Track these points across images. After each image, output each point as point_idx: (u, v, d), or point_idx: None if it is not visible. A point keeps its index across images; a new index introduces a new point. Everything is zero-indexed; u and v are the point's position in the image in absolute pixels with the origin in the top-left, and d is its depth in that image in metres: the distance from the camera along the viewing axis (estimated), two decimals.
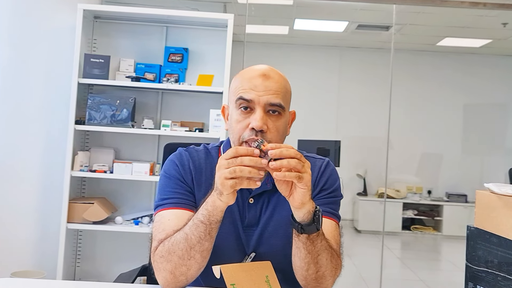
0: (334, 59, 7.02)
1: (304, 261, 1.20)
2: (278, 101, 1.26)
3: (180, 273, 1.20)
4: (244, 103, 1.26)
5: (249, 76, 1.29)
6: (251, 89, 1.26)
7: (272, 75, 1.29)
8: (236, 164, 1.07)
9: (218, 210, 1.15)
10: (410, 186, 6.97)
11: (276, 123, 1.27)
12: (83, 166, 3.34)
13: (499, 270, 1.43)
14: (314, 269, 1.21)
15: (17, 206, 3.28)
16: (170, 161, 1.37)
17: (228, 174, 1.07)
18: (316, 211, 1.15)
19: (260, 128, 1.23)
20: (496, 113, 7.14)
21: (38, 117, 3.36)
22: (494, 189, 1.52)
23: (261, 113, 1.24)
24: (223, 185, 1.08)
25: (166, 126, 3.34)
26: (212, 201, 1.14)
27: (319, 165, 1.40)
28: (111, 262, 3.57)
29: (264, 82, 1.26)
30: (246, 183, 1.09)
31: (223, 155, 1.11)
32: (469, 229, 1.60)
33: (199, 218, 1.17)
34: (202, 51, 3.59)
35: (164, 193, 1.32)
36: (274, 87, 1.27)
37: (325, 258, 1.21)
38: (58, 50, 3.41)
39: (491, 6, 4.45)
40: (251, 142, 1.19)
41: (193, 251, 1.17)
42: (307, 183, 1.10)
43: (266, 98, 1.25)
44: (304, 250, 1.19)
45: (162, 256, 1.21)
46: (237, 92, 1.28)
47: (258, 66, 1.32)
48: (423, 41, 6.79)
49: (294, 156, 1.08)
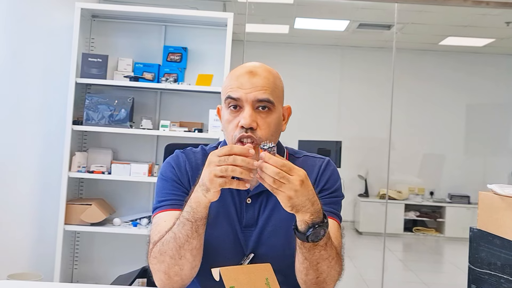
0: (335, 59, 7.03)
1: (302, 265, 1.20)
2: (266, 96, 1.26)
3: (174, 273, 1.20)
4: (232, 102, 1.27)
5: (236, 74, 1.30)
6: (238, 87, 1.27)
7: (260, 71, 1.29)
8: (228, 163, 1.06)
9: (201, 207, 1.15)
10: (412, 187, 6.96)
11: (267, 119, 1.27)
12: (80, 167, 3.32)
13: (502, 273, 1.41)
14: (314, 275, 1.21)
15: (14, 207, 3.28)
16: (166, 163, 1.38)
17: (219, 172, 1.06)
18: (316, 225, 1.14)
19: (249, 125, 1.23)
20: (499, 113, 7.13)
21: (35, 117, 3.35)
22: (498, 190, 1.51)
23: (250, 110, 1.25)
24: (212, 182, 1.08)
25: (165, 126, 3.32)
26: (195, 197, 1.14)
27: (319, 164, 1.39)
28: (109, 264, 3.55)
29: (251, 79, 1.27)
30: (236, 184, 1.09)
31: (215, 151, 1.11)
32: (472, 231, 1.59)
33: (184, 216, 1.17)
34: (201, 50, 3.57)
35: (161, 196, 1.33)
36: (261, 83, 1.27)
37: (326, 266, 1.20)
38: (56, 49, 3.40)
39: (494, 5, 4.45)
40: (243, 139, 1.22)
41: (183, 250, 1.18)
42: (283, 201, 1.10)
43: (253, 94, 1.25)
44: (301, 255, 1.19)
45: (155, 257, 1.22)
46: (226, 91, 1.29)
47: (247, 64, 1.33)
48: (426, 40, 6.79)
49: (271, 175, 1.06)
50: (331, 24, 6.35)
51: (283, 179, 1.07)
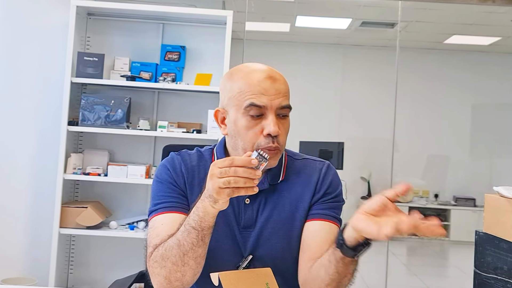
0: (337, 58, 7.08)
1: (330, 277, 1.20)
2: (287, 103, 1.28)
3: (175, 279, 1.20)
4: (257, 110, 1.25)
5: (256, 79, 1.26)
6: (261, 93, 1.24)
7: (277, 76, 1.29)
8: (229, 175, 1.05)
9: (209, 216, 1.13)
10: (416, 190, 6.99)
11: (285, 125, 1.29)
12: (76, 169, 3.30)
13: (509, 277, 1.40)
14: (335, 285, 1.22)
15: (8, 210, 3.28)
16: (161, 166, 1.38)
17: (222, 184, 1.05)
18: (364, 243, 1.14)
19: (277, 133, 1.24)
20: (506, 114, 7.14)
21: (29, 117, 3.35)
22: (504, 193, 1.50)
23: (274, 118, 1.25)
24: (219, 193, 1.07)
25: (162, 127, 3.32)
26: (203, 207, 1.13)
27: (319, 168, 1.39)
28: (105, 269, 3.53)
29: (273, 85, 1.26)
30: (244, 191, 1.07)
31: (216, 162, 1.09)
32: (478, 234, 1.58)
33: (190, 224, 1.15)
34: (200, 49, 3.56)
35: (156, 198, 1.33)
36: (283, 89, 1.28)
37: (348, 280, 1.22)
38: (50, 48, 3.40)
39: (501, 3, 4.50)
40: (270, 149, 1.23)
41: (187, 257, 1.17)
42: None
43: (278, 101, 1.25)
44: (334, 268, 1.18)
45: (156, 262, 1.21)
46: (244, 97, 1.25)
47: (258, 66, 1.30)
48: (430, 39, 6.81)
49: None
50: (333, 22, 6.38)
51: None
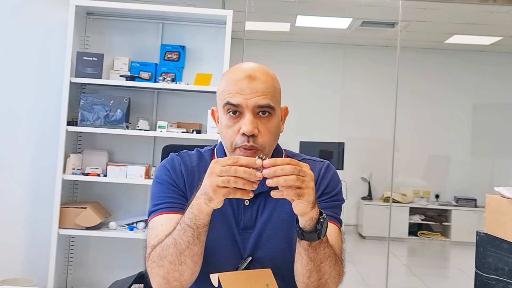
0: (338, 57, 7.08)
1: (306, 268, 1.20)
2: (267, 102, 1.25)
3: (173, 278, 1.20)
4: (232, 108, 1.25)
5: (234, 78, 1.27)
6: (237, 92, 1.25)
7: (258, 75, 1.27)
8: (230, 174, 1.05)
9: (204, 214, 1.14)
10: (417, 190, 6.97)
11: (267, 124, 1.26)
12: (75, 169, 3.30)
13: (510, 278, 1.41)
14: (317, 276, 1.21)
15: (6, 211, 3.28)
16: (161, 166, 1.38)
17: (221, 183, 1.05)
18: (320, 218, 1.14)
19: (251, 133, 1.23)
20: (507, 114, 7.12)
21: (28, 118, 3.35)
22: (505, 193, 1.51)
23: (251, 117, 1.24)
24: (215, 192, 1.07)
25: (162, 127, 3.32)
26: (197, 204, 1.13)
27: (319, 168, 1.39)
28: (104, 269, 3.53)
29: (250, 84, 1.25)
30: (240, 194, 1.07)
31: (219, 159, 1.09)
32: (479, 235, 1.58)
33: (186, 222, 1.16)
34: (199, 49, 3.55)
35: (156, 199, 1.33)
36: (261, 88, 1.25)
37: (328, 266, 1.20)
38: (49, 48, 3.39)
39: (502, 2, 4.51)
40: (245, 148, 1.23)
41: (183, 256, 1.17)
42: (308, 199, 1.08)
43: (254, 100, 1.24)
44: (306, 257, 1.18)
45: (154, 262, 1.21)
46: (224, 96, 1.27)
47: (245, 66, 1.30)
48: (431, 39, 6.79)
49: (291, 173, 1.05)
50: (333, 22, 6.37)
51: (302, 172, 1.06)
